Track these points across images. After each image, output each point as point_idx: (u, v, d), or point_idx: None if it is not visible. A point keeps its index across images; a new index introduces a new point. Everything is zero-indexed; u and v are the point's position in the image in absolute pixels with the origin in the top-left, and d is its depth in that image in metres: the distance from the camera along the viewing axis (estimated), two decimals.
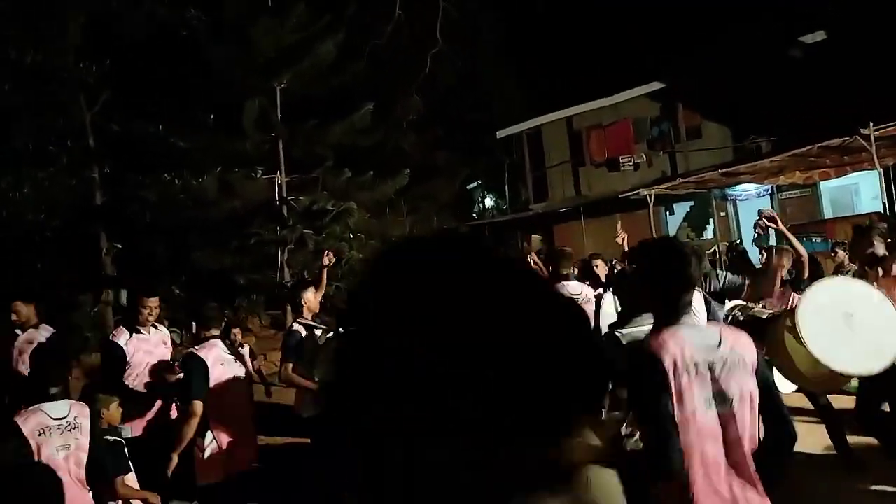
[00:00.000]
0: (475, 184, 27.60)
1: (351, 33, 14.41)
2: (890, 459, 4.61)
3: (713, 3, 18.20)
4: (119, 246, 13.67)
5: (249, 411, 4.55)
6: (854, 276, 6.78)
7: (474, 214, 27.27)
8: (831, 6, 14.79)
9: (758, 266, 9.28)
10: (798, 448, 2.35)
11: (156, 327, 5.23)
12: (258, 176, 12.59)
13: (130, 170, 12.66)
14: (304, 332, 5.04)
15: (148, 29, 13.04)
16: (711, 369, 2.20)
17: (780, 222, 4.55)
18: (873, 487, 4.63)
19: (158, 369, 4.98)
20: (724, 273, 4.56)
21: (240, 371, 4.38)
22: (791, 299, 5.18)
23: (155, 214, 12.58)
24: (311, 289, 5.40)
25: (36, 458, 3.15)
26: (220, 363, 4.27)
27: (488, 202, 28.58)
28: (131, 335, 5.00)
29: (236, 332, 6.81)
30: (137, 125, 12.34)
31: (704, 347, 2.22)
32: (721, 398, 2.19)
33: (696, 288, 2.65)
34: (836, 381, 3.56)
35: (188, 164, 12.24)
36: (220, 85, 12.63)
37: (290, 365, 4.96)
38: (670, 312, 2.33)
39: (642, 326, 3.17)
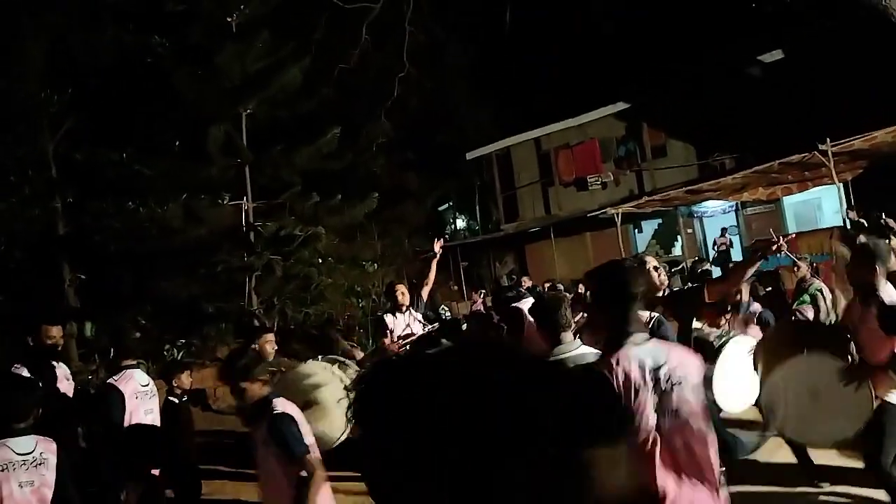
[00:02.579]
0: (446, 205, 27.69)
1: (318, 58, 14.42)
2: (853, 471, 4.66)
3: (676, 24, 18.58)
4: (83, 276, 13.42)
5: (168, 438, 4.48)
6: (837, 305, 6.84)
7: (446, 236, 27.27)
8: (788, 26, 15.17)
9: None
10: (767, 460, 2.56)
11: (57, 362, 4.83)
12: (224, 202, 12.45)
13: (94, 198, 12.45)
14: None
15: (112, 55, 12.92)
16: (657, 383, 2.33)
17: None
18: (835, 492, 4.69)
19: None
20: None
21: (154, 404, 4.23)
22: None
23: (120, 243, 12.36)
24: (271, 336, 5.31)
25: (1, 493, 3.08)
26: (136, 396, 4.13)
27: (460, 223, 28.66)
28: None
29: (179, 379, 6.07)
30: (101, 153, 12.17)
31: (652, 364, 2.35)
32: (668, 410, 2.32)
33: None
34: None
35: (153, 191, 12.08)
36: (185, 111, 12.53)
37: None
38: (619, 331, 2.44)
39: (563, 355, 3.22)
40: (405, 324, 5.98)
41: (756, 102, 15.85)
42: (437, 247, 6.39)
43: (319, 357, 5.27)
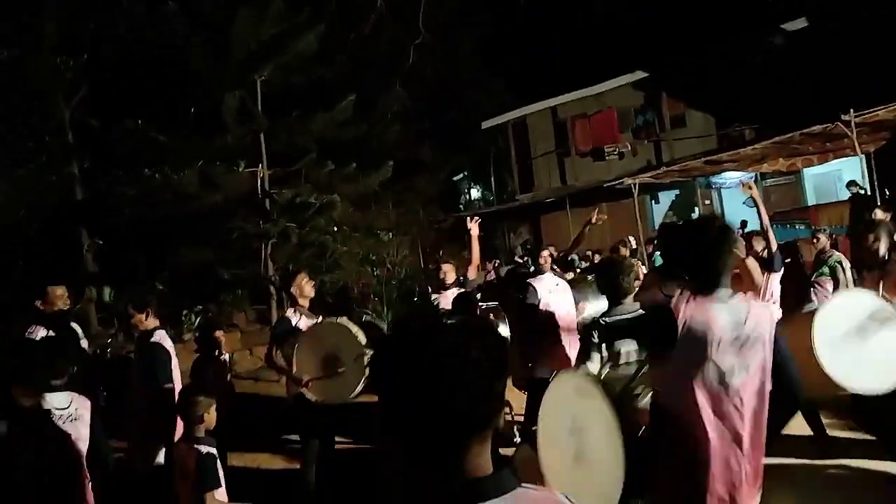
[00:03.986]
0: (461, 175, 27.53)
1: (332, 25, 14.27)
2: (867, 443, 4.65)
3: None
4: (100, 242, 13.54)
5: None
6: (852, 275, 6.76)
7: (460, 206, 27.21)
8: None
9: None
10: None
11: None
12: (240, 170, 12.43)
13: (110, 165, 12.50)
14: (295, 320, 5.00)
15: (126, 23, 12.87)
16: (736, 340, 2.44)
17: (755, 192, 4.74)
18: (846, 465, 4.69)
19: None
20: None
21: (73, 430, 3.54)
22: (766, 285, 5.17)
23: (136, 210, 12.42)
24: (302, 275, 5.28)
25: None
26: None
27: (474, 193, 28.52)
28: (48, 333, 4.61)
29: (219, 336, 6.38)
30: (117, 120, 12.17)
31: (732, 320, 2.46)
32: (740, 368, 2.42)
33: None
34: (836, 390, 3.60)
35: (168, 158, 12.07)
36: (200, 78, 12.47)
37: (277, 350, 4.96)
38: (704, 283, 2.53)
39: (622, 315, 3.61)
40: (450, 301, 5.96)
41: (778, 71, 15.56)
42: (474, 225, 6.27)
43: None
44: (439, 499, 1.05)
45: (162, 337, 4.47)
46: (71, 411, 3.37)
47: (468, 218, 6.49)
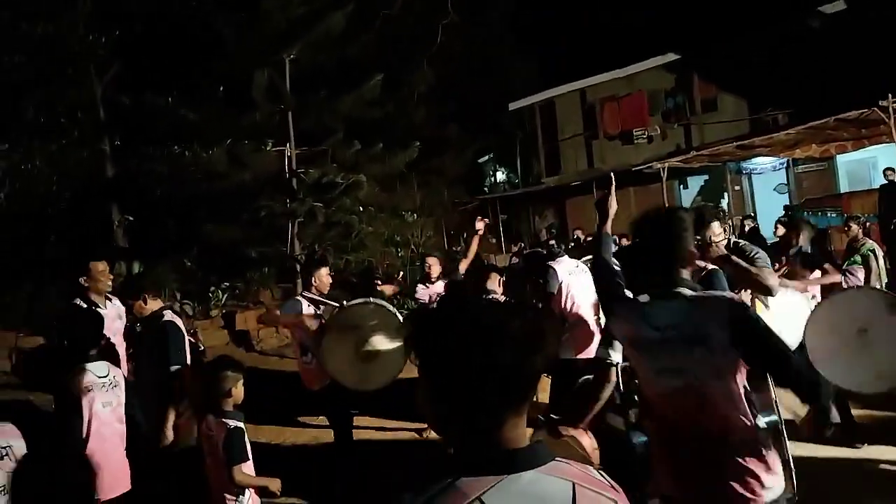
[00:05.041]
0: (486, 157, 27.40)
1: (360, 4, 14.22)
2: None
3: None
4: (130, 218, 13.74)
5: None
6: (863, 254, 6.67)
7: (485, 188, 27.12)
8: None
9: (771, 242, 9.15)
10: None
11: (110, 299, 4.81)
12: (268, 148, 12.52)
13: (141, 142, 12.66)
14: (305, 305, 5.05)
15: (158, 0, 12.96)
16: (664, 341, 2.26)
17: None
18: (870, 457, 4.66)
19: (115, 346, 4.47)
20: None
21: (114, 398, 3.63)
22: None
23: (165, 187, 12.58)
24: (326, 269, 5.33)
25: (87, 414, 3.43)
26: (87, 389, 3.54)
27: (500, 176, 28.39)
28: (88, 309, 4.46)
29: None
30: (147, 97, 12.30)
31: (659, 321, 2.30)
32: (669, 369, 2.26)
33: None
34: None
35: (198, 136, 12.19)
36: (230, 56, 12.52)
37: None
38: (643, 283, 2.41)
39: None
40: (435, 294, 6.13)
41: (814, 55, 15.21)
42: (481, 225, 6.45)
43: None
44: (477, 468, 1.07)
45: (172, 316, 4.41)
46: (111, 378, 3.56)
47: (478, 217, 6.63)
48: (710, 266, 3.72)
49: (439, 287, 6.23)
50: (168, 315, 4.38)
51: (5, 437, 2.57)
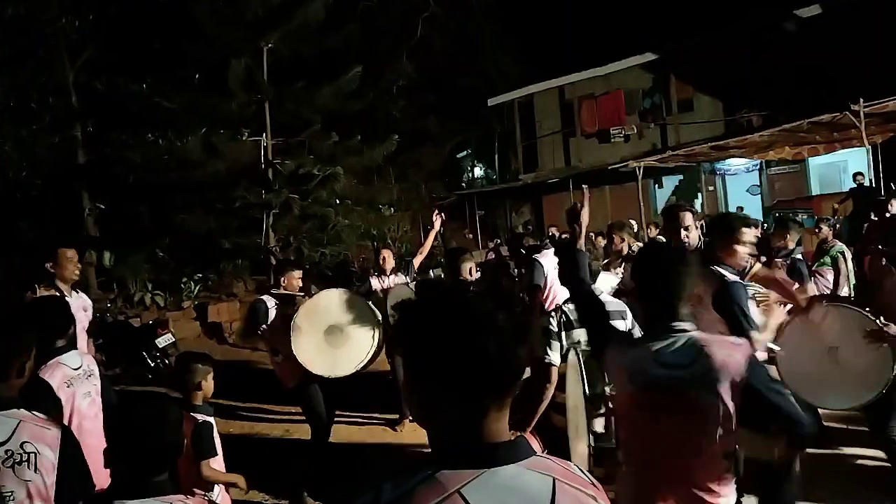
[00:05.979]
0: (465, 152, 27.43)
1: None
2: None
3: None
4: (102, 206, 13.50)
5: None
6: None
7: (463, 184, 27.14)
8: None
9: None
10: None
11: (76, 291, 4.69)
12: (244, 138, 12.36)
13: (114, 129, 12.41)
14: (272, 303, 5.08)
15: None
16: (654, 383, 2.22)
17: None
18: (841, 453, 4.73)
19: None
20: None
21: (91, 387, 3.48)
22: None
23: (138, 175, 12.36)
24: (298, 273, 5.36)
25: (68, 409, 3.16)
26: (67, 384, 3.34)
27: (478, 171, 28.43)
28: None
29: None
30: (121, 83, 12.08)
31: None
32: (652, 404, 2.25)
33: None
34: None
35: (173, 124, 12.01)
36: (206, 43, 12.33)
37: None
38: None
39: None
40: (389, 286, 6.14)
41: (789, 58, 15.42)
42: (438, 219, 6.54)
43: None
44: (457, 460, 1.07)
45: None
46: (85, 368, 3.34)
47: (435, 211, 6.74)
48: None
49: (392, 279, 6.22)
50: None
51: (40, 441, 2.25)
